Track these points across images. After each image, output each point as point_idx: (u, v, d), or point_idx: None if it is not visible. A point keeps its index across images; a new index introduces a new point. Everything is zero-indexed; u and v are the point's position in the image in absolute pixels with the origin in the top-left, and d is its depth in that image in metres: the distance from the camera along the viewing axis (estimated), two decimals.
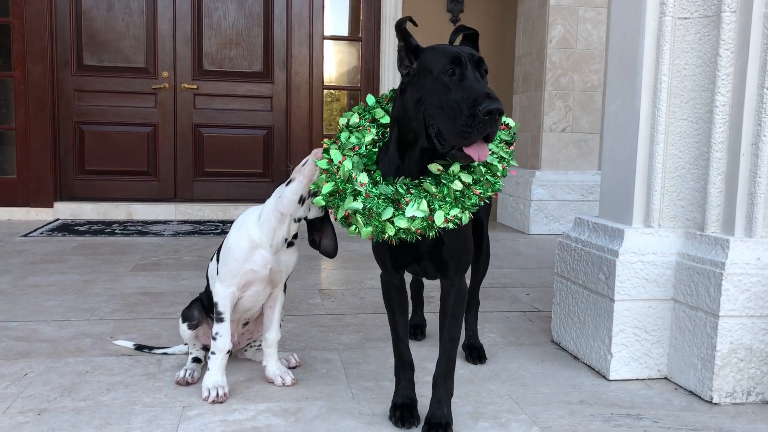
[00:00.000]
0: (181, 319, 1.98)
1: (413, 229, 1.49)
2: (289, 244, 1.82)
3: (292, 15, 5.47)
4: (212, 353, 1.82)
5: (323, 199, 1.59)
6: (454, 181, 1.51)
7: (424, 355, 2.17)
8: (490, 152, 1.58)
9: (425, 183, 1.52)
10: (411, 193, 1.52)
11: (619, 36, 2.12)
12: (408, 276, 1.79)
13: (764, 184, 1.84)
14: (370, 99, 1.71)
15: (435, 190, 1.51)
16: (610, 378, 2.02)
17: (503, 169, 1.59)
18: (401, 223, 1.48)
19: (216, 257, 1.89)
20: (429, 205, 1.49)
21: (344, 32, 5.71)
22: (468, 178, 1.52)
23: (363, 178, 1.54)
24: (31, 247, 3.99)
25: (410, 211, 1.49)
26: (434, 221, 1.49)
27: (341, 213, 1.56)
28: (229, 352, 1.83)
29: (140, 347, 2.19)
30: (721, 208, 1.93)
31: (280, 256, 1.81)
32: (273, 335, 1.92)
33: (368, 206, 1.51)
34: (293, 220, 1.77)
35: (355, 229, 1.55)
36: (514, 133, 1.67)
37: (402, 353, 1.73)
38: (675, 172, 2.01)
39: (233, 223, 1.87)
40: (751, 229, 1.86)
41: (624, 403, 1.86)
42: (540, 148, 4.94)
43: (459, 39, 1.63)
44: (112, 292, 2.96)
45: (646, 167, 2.03)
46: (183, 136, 5.47)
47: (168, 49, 5.37)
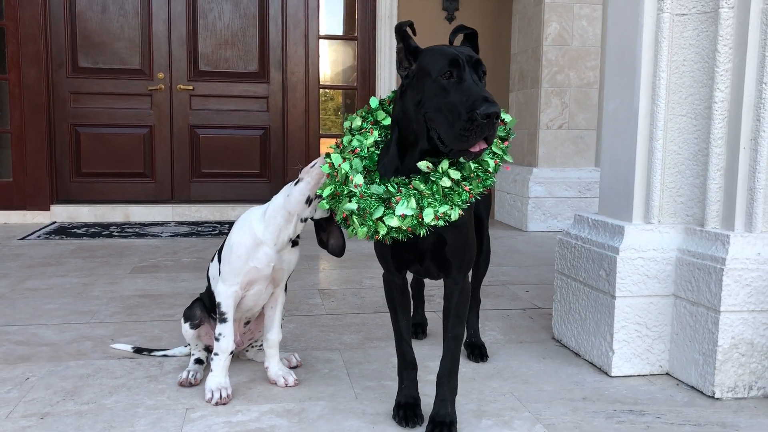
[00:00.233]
0: (183, 318, 1.97)
1: (404, 227, 1.49)
2: (294, 243, 1.82)
3: (287, 15, 5.46)
4: (215, 354, 1.82)
5: (326, 202, 1.60)
6: (442, 179, 1.51)
7: (426, 354, 2.17)
8: None
9: (414, 181, 1.53)
10: (401, 192, 1.52)
11: (617, 34, 2.12)
12: (409, 275, 1.80)
13: (763, 180, 1.85)
14: (374, 102, 1.71)
15: (424, 188, 1.51)
16: (612, 374, 2.02)
17: (495, 165, 1.58)
18: (391, 222, 1.48)
19: (217, 257, 1.89)
20: (418, 203, 1.50)
21: (339, 31, 5.70)
22: (457, 175, 1.53)
23: (358, 179, 1.55)
24: (28, 250, 3.97)
25: (400, 209, 1.49)
26: (423, 219, 1.49)
27: (340, 214, 1.57)
28: (232, 353, 1.83)
29: (139, 350, 2.18)
30: (721, 203, 1.94)
31: (283, 255, 1.81)
32: (274, 336, 1.92)
33: (362, 206, 1.52)
34: (300, 220, 1.77)
35: (353, 230, 1.55)
36: (510, 129, 1.67)
37: (405, 353, 1.73)
38: (674, 168, 2.02)
39: (234, 223, 1.87)
40: (751, 225, 1.87)
41: (626, 399, 1.87)
42: (537, 146, 4.95)
43: (459, 39, 1.63)
44: (112, 294, 2.95)
45: (646, 164, 2.03)
46: (179, 137, 5.46)
47: (163, 50, 5.35)
